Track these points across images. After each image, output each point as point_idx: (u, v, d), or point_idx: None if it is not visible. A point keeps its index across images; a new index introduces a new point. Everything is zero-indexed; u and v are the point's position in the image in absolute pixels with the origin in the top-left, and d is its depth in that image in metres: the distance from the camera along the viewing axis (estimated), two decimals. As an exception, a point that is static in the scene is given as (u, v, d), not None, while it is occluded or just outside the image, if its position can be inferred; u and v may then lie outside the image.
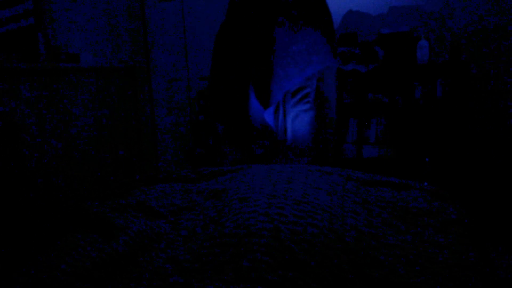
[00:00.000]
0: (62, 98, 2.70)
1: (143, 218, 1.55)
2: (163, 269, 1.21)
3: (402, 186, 1.76)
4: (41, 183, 2.51)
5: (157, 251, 1.31)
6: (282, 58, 2.60)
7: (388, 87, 3.22)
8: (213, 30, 2.78)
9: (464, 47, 3.21)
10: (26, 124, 2.44)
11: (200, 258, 1.20)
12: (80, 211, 1.61)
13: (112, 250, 1.27)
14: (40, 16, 2.88)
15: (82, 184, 2.83)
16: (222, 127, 2.91)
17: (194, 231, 1.42)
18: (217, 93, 2.82)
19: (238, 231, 1.25)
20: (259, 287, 1.03)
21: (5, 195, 2.30)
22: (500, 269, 1.22)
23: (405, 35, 3.13)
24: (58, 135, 2.65)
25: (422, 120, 3.14)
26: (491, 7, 3.15)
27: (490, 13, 3.16)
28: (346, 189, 1.66)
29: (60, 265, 1.22)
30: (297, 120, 2.81)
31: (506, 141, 3.12)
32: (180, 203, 1.66)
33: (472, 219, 1.49)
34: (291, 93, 2.75)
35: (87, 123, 2.90)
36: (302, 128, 2.84)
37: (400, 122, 3.21)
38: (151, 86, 3.74)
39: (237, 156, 2.89)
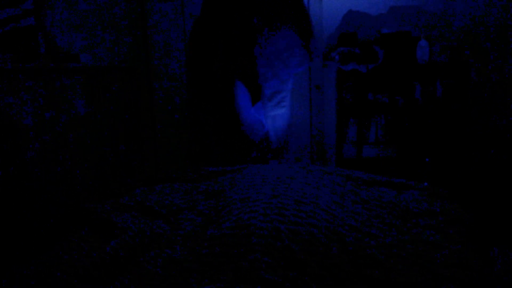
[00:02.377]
0: (62, 98, 2.70)
1: (143, 218, 1.55)
2: (163, 269, 1.21)
3: (402, 186, 1.76)
4: (40, 183, 2.51)
5: (157, 251, 1.31)
6: (260, 60, 2.56)
7: (388, 87, 3.22)
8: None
9: (464, 47, 3.21)
10: (26, 124, 2.44)
11: (200, 258, 1.20)
12: (80, 211, 1.61)
13: (112, 250, 1.27)
14: (40, 16, 2.88)
15: (82, 184, 2.83)
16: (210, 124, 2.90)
17: (194, 231, 1.42)
18: (197, 89, 2.79)
19: (238, 231, 1.25)
20: (259, 287, 1.03)
21: (5, 195, 2.30)
22: (500, 269, 1.22)
23: (405, 35, 3.13)
24: (57, 135, 2.65)
25: (422, 120, 3.14)
26: (491, 7, 3.15)
27: (490, 13, 3.16)
28: (346, 189, 1.66)
29: (60, 265, 1.22)
30: (276, 123, 2.79)
31: (505, 140, 3.12)
32: (180, 203, 1.66)
33: (472, 219, 1.49)
34: (268, 97, 2.72)
35: (87, 123, 2.90)
36: (280, 130, 2.83)
37: (400, 122, 3.21)
38: (151, 86, 3.74)
39: (223, 150, 2.86)
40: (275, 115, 2.80)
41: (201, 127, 2.93)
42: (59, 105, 2.68)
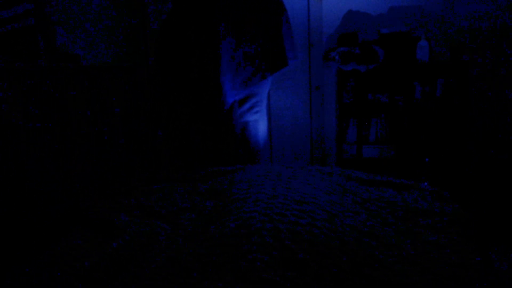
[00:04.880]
0: (62, 98, 2.70)
1: (143, 218, 1.55)
2: (163, 269, 1.21)
3: (402, 186, 1.76)
4: (40, 183, 2.51)
5: (157, 251, 1.31)
6: (229, 65, 2.38)
7: (388, 87, 3.22)
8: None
9: (464, 47, 3.21)
10: (26, 124, 2.44)
11: (200, 258, 1.20)
12: (80, 211, 1.61)
13: (112, 250, 1.27)
14: (40, 16, 2.88)
15: (82, 184, 2.83)
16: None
17: (194, 231, 1.42)
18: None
19: (238, 231, 1.25)
20: (259, 287, 1.03)
21: (5, 195, 2.30)
22: (500, 269, 1.22)
23: (405, 35, 3.13)
24: (57, 135, 2.65)
25: (422, 120, 3.14)
26: (491, 7, 3.15)
27: (490, 13, 3.16)
28: (346, 189, 1.66)
29: (60, 265, 1.22)
30: (246, 132, 2.56)
31: (505, 140, 3.12)
32: (180, 203, 1.66)
33: (472, 219, 1.49)
34: (238, 102, 2.50)
35: (87, 122, 2.90)
36: (252, 140, 2.59)
37: (400, 122, 3.21)
38: (151, 85, 3.74)
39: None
40: (246, 122, 2.56)
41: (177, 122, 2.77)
42: (60, 105, 2.68)
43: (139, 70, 3.64)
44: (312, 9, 3.48)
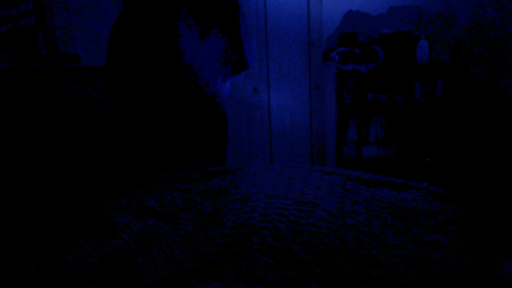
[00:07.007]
0: (62, 98, 2.70)
1: (143, 218, 1.55)
2: (163, 269, 1.21)
3: (402, 186, 1.76)
4: (40, 183, 2.51)
5: (157, 251, 1.31)
6: (194, 66, 2.27)
7: (388, 87, 3.22)
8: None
9: (464, 47, 3.21)
10: (25, 124, 2.44)
11: (200, 258, 1.20)
12: (80, 211, 1.61)
13: (112, 250, 1.27)
14: (40, 16, 2.88)
15: (82, 184, 2.83)
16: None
17: (194, 231, 1.42)
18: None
19: (238, 231, 1.25)
20: (259, 287, 1.03)
21: (4, 196, 2.30)
22: (500, 270, 1.22)
23: (405, 35, 3.13)
24: (57, 135, 2.65)
25: (422, 120, 3.14)
26: (491, 7, 3.15)
27: (490, 13, 3.16)
28: (346, 189, 1.66)
29: (60, 265, 1.22)
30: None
31: (505, 140, 3.12)
32: (180, 203, 1.66)
33: (472, 219, 1.49)
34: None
35: (87, 123, 2.90)
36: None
37: (400, 122, 3.21)
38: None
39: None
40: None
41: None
42: (59, 105, 2.69)
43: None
44: (312, 9, 3.48)
